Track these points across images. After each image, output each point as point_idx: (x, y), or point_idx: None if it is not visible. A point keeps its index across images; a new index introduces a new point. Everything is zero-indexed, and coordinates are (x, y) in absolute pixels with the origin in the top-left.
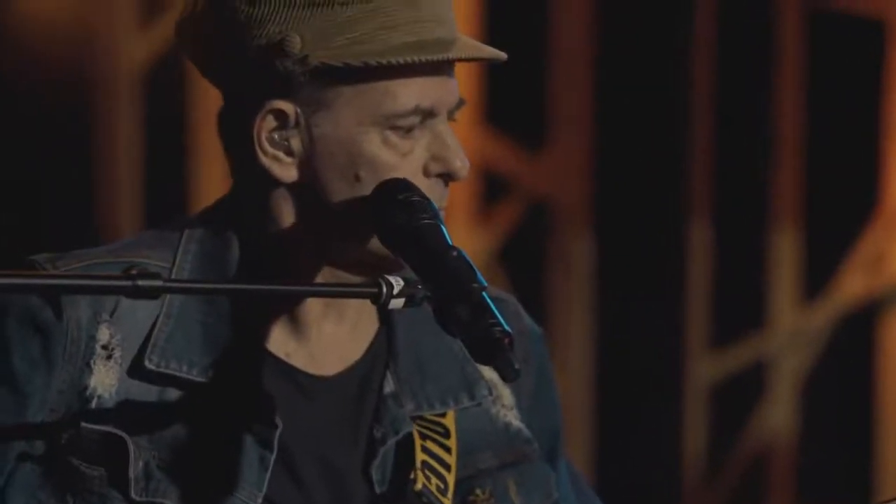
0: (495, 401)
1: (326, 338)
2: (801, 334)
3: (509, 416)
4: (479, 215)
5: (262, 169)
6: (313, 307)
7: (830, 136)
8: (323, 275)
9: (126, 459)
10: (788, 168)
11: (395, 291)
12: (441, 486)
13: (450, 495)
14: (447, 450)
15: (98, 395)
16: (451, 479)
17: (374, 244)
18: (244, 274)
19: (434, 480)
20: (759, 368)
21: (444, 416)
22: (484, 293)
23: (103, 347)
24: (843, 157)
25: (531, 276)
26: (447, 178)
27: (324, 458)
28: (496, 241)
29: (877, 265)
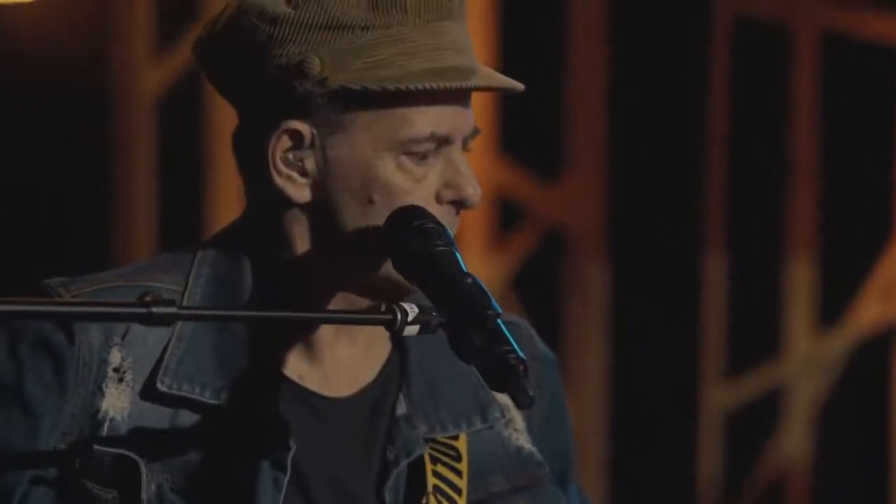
0: (507, 424)
1: (339, 360)
2: (817, 362)
3: (521, 440)
4: (493, 243)
5: (276, 189)
6: (326, 330)
7: (845, 164)
8: (336, 300)
9: (139, 482)
10: (803, 196)
11: (410, 318)
12: None
13: None
14: (458, 473)
15: (110, 419)
16: (462, 503)
17: (386, 269)
18: (257, 298)
19: None
20: (774, 396)
21: (456, 439)
22: (498, 320)
23: (115, 370)
24: (857, 185)
25: (546, 304)
26: (459, 205)
27: (337, 479)
28: (511, 269)
29: (891, 292)
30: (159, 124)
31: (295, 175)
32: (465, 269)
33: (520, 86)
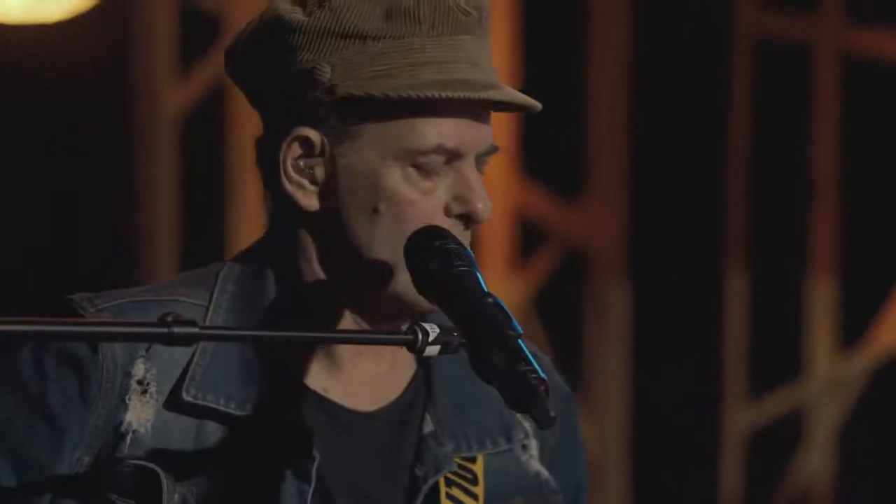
0: (525, 448)
1: (363, 375)
2: (838, 382)
3: (538, 466)
4: (515, 263)
5: (287, 196)
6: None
7: (866, 184)
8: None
9: (160, 494)
10: (824, 216)
11: (431, 338)
12: None
13: None
14: (474, 497)
15: (133, 430)
16: None
17: (398, 287)
18: (280, 312)
19: None
20: (795, 416)
21: (473, 461)
22: (520, 340)
23: (139, 383)
24: (879, 206)
25: (567, 324)
26: (468, 219)
27: (360, 491)
28: (532, 289)
29: None
30: (182, 142)
31: (305, 182)
32: (486, 290)
33: (536, 104)
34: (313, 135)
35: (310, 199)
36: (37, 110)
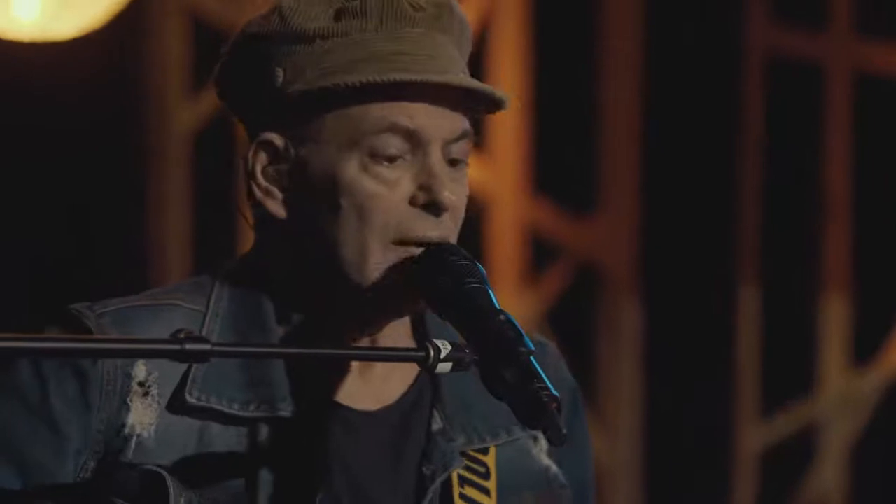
0: (535, 441)
1: (366, 374)
2: (851, 399)
3: (547, 460)
4: (527, 279)
5: (260, 205)
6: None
7: (878, 201)
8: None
9: (167, 497)
10: (837, 234)
11: (443, 355)
12: None
13: None
14: (486, 492)
15: (137, 434)
16: None
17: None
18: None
19: None
20: (808, 433)
21: (486, 453)
22: (532, 357)
23: (140, 384)
24: (891, 223)
25: (579, 341)
26: (434, 208)
27: (366, 491)
28: (544, 306)
29: None
30: (193, 158)
31: (274, 190)
32: (497, 306)
33: (502, 96)
34: (276, 139)
35: (278, 207)
36: (50, 127)
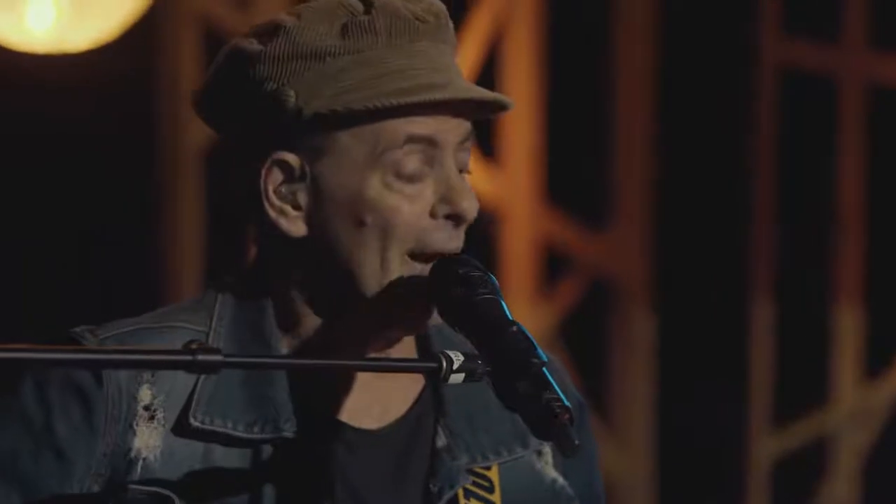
0: (540, 456)
1: (370, 392)
2: (864, 411)
3: (554, 473)
4: (540, 292)
5: (271, 224)
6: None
7: (892, 213)
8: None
9: None
10: (850, 245)
11: (455, 366)
12: None
13: None
14: None
15: (143, 457)
16: None
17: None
18: (282, 334)
19: None
20: (821, 444)
21: (489, 469)
22: (544, 368)
23: (145, 408)
24: None
25: (592, 353)
26: (456, 219)
27: None
28: (557, 318)
29: None
30: (206, 174)
31: (288, 208)
32: (510, 317)
33: (507, 100)
34: (291, 158)
35: (294, 225)
36: (59, 141)
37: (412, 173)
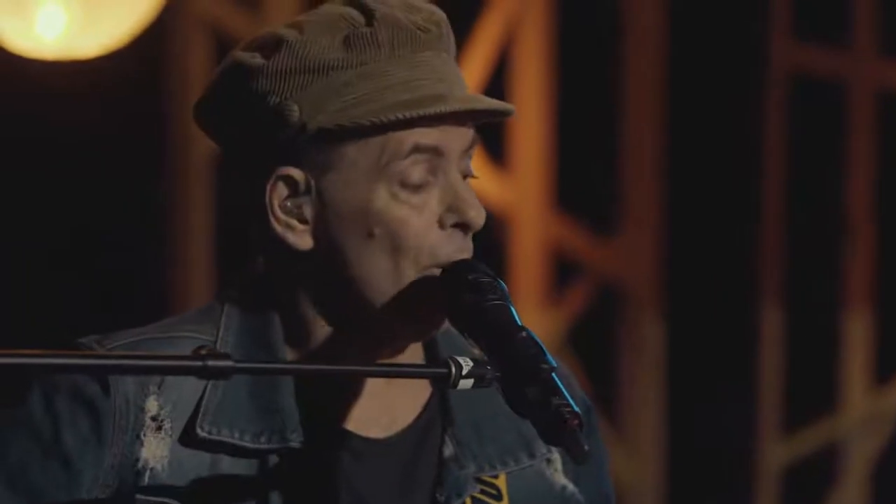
0: (550, 463)
1: (377, 400)
2: (874, 417)
3: (563, 479)
4: (549, 297)
5: (277, 238)
6: None
7: None
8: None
9: None
10: (860, 251)
11: (465, 372)
12: None
13: None
14: None
15: (150, 468)
16: None
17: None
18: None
19: None
20: (830, 451)
21: (496, 477)
22: (553, 374)
23: (153, 419)
24: None
25: (601, 359)
26: (464, 228)
27: None
28: (566, 324)
29: None
30: (215, 180)
31: (294, 222)
32: (519, 323)
33: (509, 107)
34: (296, 173)
35: (301, 239)
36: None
37: (417, 183)
